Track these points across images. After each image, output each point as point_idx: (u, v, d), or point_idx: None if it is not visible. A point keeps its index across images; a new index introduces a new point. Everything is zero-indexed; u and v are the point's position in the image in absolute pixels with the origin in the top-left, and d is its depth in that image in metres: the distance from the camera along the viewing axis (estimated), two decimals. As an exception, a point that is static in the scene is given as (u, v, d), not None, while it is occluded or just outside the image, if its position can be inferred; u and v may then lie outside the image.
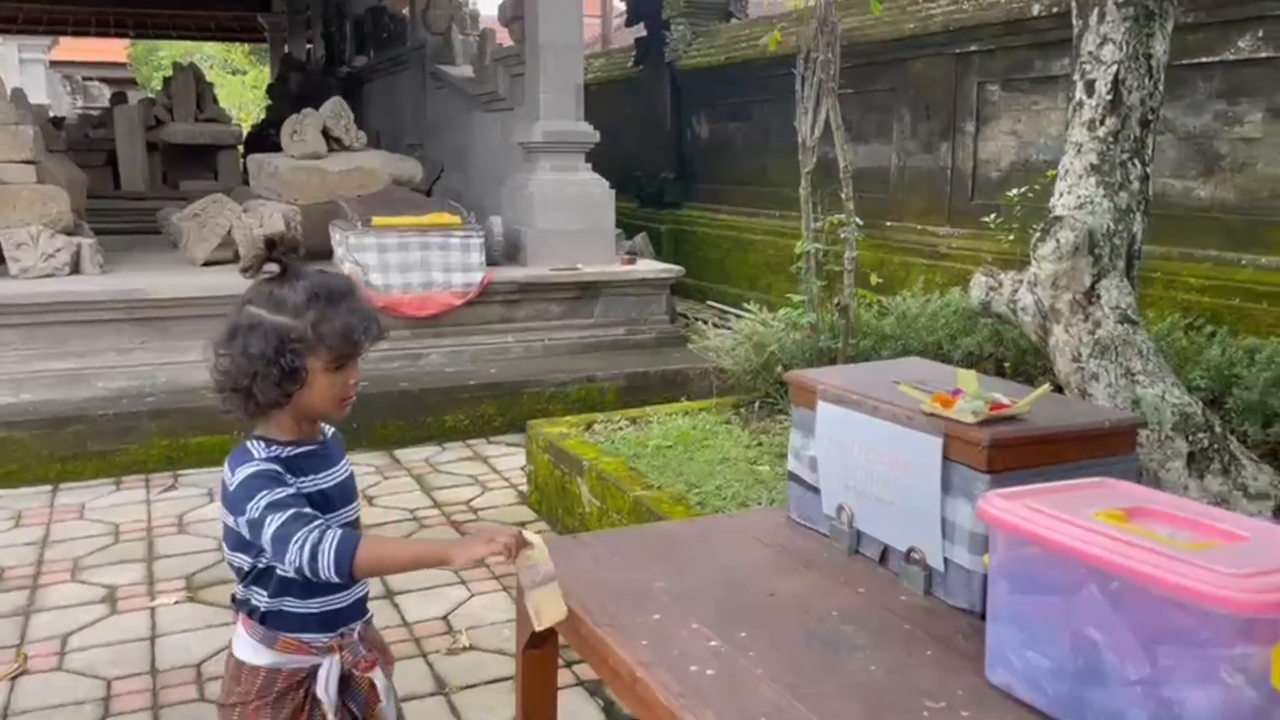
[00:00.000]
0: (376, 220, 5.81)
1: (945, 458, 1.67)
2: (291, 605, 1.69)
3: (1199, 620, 1.16)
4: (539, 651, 1.93)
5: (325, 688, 1.70)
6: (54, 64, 25.33)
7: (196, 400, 5.00)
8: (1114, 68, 2.37)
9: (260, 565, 1.66)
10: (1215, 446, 2.13)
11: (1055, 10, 5.32)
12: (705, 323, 6.70)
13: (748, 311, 4.87)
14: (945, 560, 1.70)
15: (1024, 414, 1.70)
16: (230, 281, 5.62)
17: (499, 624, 3.27)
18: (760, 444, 3.98)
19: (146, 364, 5.26)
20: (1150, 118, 2.42)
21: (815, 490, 2.01)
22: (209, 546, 3.95)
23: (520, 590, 1.67)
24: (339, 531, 1.57)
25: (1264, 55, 4.52)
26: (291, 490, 1.61)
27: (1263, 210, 4.57)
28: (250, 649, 1.71)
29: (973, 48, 6.12)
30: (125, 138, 10.55)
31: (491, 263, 6.14)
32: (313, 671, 1.72)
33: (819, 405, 1.96)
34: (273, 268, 1.66)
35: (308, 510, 1.60)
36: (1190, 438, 2.13)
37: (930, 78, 6.47)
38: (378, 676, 1.78)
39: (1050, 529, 1.30)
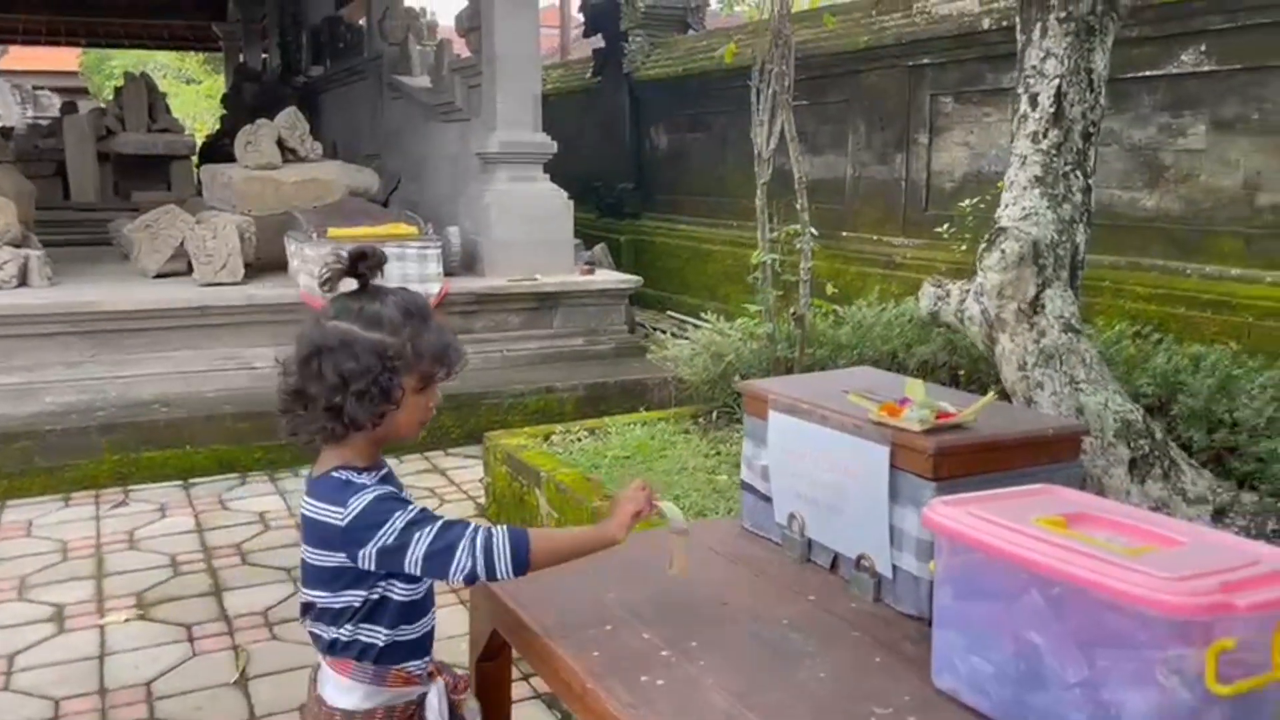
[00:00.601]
0: (332, 231, 5.77)
1: (893, 466, 1.69)
2: (405, 633, 1.62)
3: (1135, 623, 1.18)
4: (493, 664, 1.93)
5: (439, 715, 1.64)
6: (3, 73, 24.86)
7: (148, 414, 4.93)
8: (1056, 81, 2.42)
9: (374, 598, 1.57)
10: (1156, 453, 2.17)
11: (1005, 24, 5.41)
12: (664, 333, 6.72)
13: (705, 321, 4.90)
14: (894, 567, 1.72)
15: (969, 422, 1.73)
16: (183, 294, 5.56)
17: (455, 638, 3.24)
18: (719, 453, 4.00)
19: (96, 378, 5.18)
20: (1092, 130, 2.48)
21: (767, 499, 2.02)
22: (160, 563, 3.90)
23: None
24: (503, 526, 1.55)
25: (1207, 69, 4.63)
26: (418, 505, 1.56)
27: (1206, 220, 4.67)
28: (360, 695, 1.60)
29: (925, 60, 6.20)
30: (75, 148, 10.39)
31: (449, 273, 6.12)
32: (420, 701, 1.65)
33: (770, 415, 1.98)
34: (352, 283, 1.58)
35: (453, 517, 1.55)
36: (1132, 444, 2.17)
37: (884, 90, 6.55)
38: (471, 699, 1.73)
39: (992, 535, 1.33)
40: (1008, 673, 1.34)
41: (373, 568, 1.52)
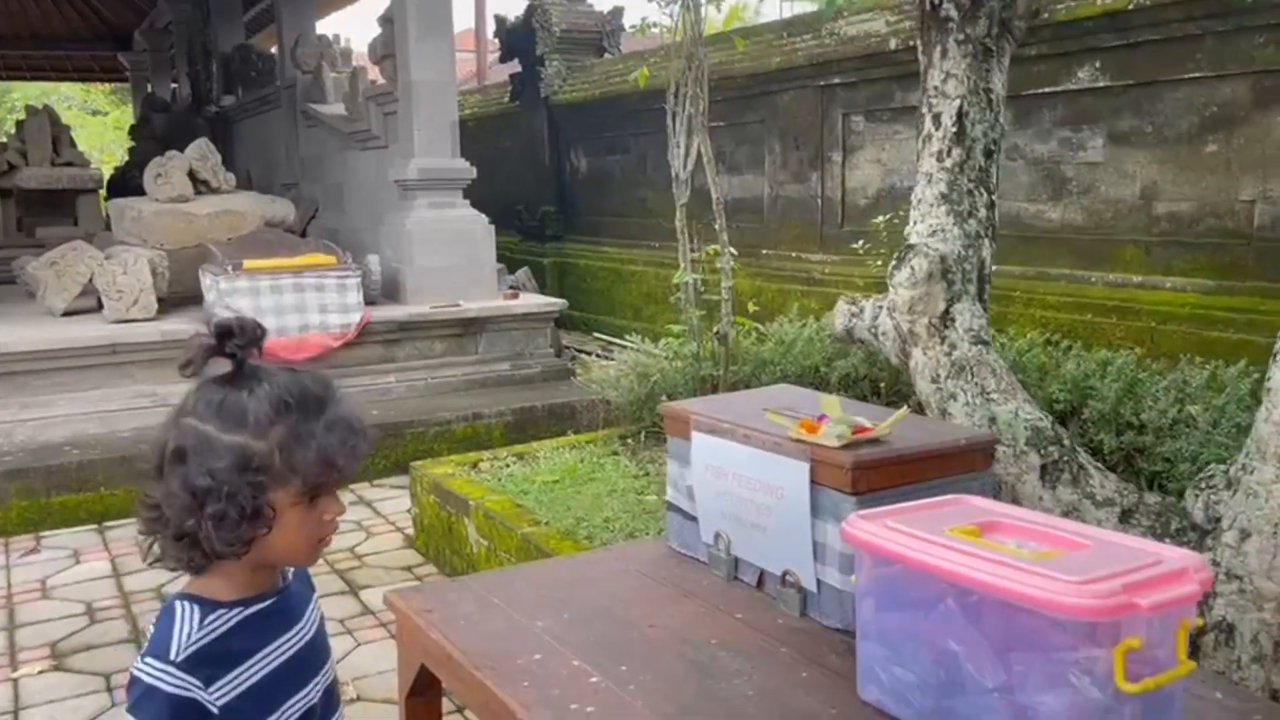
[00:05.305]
0: (248, 263, 5.67)
1: (813, 481, 1.72)
2: None
3: (1045, 627, 1.22)
4: (423, 699, 1.90)
5: None
6: (-105, 107, 23.99)
7: (59, 457, 4.77)
8: (957, 101, 2.50)
9: None
10: (1065, 458, 2.25)
11: (911, 44, 5.55)
12: (591, 355, 6.73)
13: (630, 343, 4.92)
14: (818, 582, 1.75)
15: (885, 436, 1.77)
16: (93, 332, 5.40)
17: (386, 673, 3.20)
18: (647, 474, 4.01)
19: (2, 421, 4.99)
20: (993, 148, 2.57)
21: (693, 519, 2.04)
22: (75, 611, 3.76)
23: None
24: None
25: (1102, 85, 4.81)
26: None
27: (1108, 230, 4.85)
28: None
29: (836, 80, 6.34)
30: (-25, 184, 10.04)
31: (370, 302, 6.05)
32: None
33: (693, 435, 2.00)
34: (222, 364, 1.26)
35: None
36: (1042, 451, 2.24)
37: (797, 110, 6.68)
38: None
39: (908, 547, 1.36)
40: (929, 681, 1.37)
41: None
